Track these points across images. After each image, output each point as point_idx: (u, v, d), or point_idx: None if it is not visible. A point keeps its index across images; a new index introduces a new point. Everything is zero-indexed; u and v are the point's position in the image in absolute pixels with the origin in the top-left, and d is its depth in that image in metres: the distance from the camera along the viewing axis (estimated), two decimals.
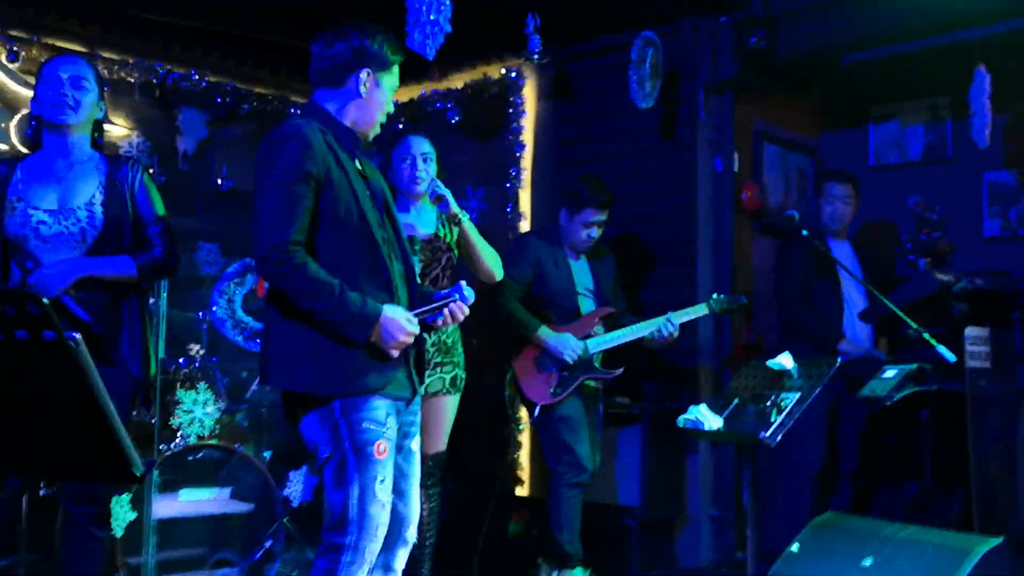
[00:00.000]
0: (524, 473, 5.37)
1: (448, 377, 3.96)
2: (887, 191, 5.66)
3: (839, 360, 3.68)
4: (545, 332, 4.40)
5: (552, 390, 4.37)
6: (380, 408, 2.77)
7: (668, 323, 4.36)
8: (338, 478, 2.74)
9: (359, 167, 2.88)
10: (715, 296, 4.48)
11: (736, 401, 3.79)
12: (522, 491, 5.36)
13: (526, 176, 5.52)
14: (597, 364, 4.46)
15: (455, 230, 3.98)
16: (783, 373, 3.75)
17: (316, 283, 2.65)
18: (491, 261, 4.02)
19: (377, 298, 2.75)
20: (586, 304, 4.57)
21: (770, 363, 3.78)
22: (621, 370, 4.45)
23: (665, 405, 5.00)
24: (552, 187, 5.45)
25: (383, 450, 2.73)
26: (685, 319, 4.42)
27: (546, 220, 5.27)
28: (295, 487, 4.54)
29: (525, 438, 5.37)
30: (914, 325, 3.87)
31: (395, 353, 2.75)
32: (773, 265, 5.01)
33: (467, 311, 2.84)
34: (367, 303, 2.69)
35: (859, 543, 3.45)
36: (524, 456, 5.39)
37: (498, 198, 5.52)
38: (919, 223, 5.50)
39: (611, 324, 4.54)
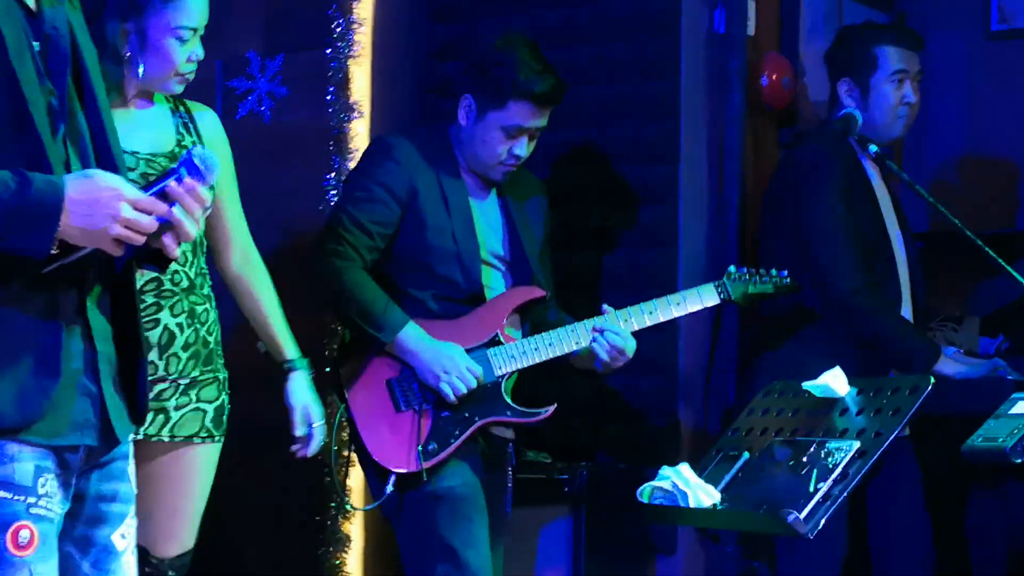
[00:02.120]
0: None
1: (211, 409, 3.22)
2: (1017, 70, 4.59)
3: (930, 384, 2.91)
4: (412, 335, 3.48)
5: (421, 447, 3.51)
6: (23, 460, 2.09)
7: (606, 334, 3.43)
8: None
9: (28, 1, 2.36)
10: (733, 270, 3.59)
11: (745, 456, 3.26)
12: None
13: (365, 34, 4.23)
14: (508, 396, 3.56)
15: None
16: (831, 404, 3.20)
17: None
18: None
19: None
20: (495, 281, 3.66)
21: (809, 386, 3.21)
22: (552, 408, 3.52)
23: (617, 467, 4.20)
24: (420, 56, 4.47)
25: (26, 541, 2.10)
26: (664, 316, 3.52)
27: (403, 119, 4.31)
28: None
29: (356, 528, 4.14)
30: None
31: (117, 251, 2.09)
32: (772, 196, 4.09)
33: (207, 197, 2.16)
34: (33, 178, 1.99)
35: None
36: (354, 564, 4.14)
37: (311, 75, 4.28)
38: None
39: (537, 320, 3.68)
